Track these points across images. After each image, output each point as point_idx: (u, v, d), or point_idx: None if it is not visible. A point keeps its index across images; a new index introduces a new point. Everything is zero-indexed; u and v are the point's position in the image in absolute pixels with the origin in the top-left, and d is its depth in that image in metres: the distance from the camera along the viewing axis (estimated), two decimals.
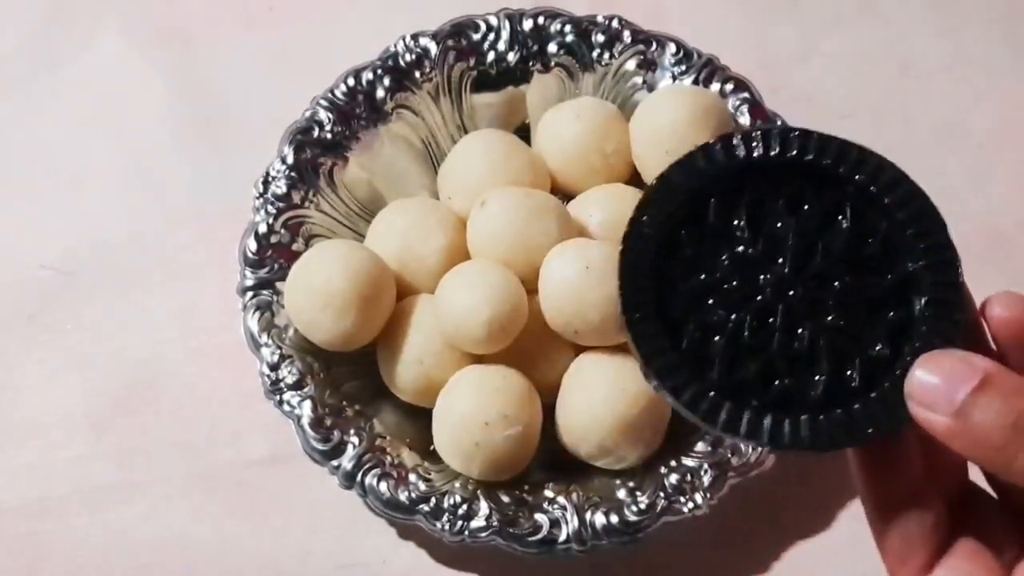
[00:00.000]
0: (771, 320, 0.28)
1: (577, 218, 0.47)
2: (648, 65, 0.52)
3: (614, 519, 0.43)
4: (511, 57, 0.52)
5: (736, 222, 0.29)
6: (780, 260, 0.29)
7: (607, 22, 0.52)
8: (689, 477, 0.44)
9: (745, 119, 0.50)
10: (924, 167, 0.30)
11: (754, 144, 0.29)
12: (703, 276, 0.29)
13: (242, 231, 0.48)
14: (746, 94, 0.51)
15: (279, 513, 0.48)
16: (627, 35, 0.52)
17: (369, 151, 0.51)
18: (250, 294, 0.47)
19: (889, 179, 0.29)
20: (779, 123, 0.27)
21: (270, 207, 0.49)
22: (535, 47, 0.52)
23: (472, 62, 0.52)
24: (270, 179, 0.49)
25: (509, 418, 0.43)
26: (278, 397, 0.45)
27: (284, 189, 0.49)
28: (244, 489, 0.48)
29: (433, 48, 0.52)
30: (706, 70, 0.51)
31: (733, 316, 0.28)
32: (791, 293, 0.28)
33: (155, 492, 0.48)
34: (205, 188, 0.54)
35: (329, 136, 0.50)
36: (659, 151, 0.48)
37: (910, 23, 0.59)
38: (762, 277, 0.29)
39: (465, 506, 0.44)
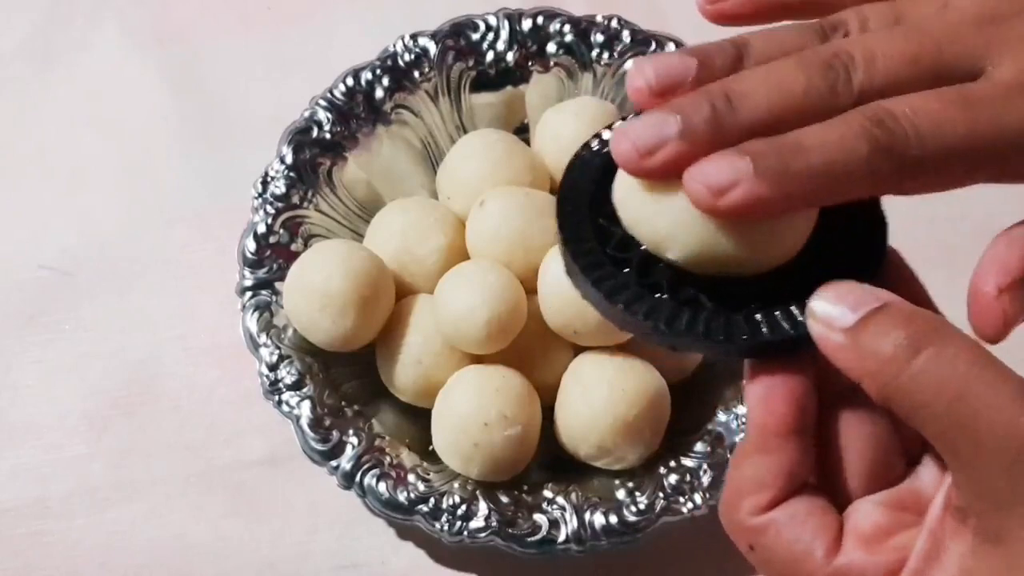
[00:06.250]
0: None
1: None
2: None
3: (613, 519, 0.43)
4: (510, 57, 0.52)
5: None
6: None
7: (606, 22, 0.52)
8: (688, 477, 0.44)
9: None
10: None
11: None
12: None
13: (241, 231, 0.48)
14: None
15: (278, 513, 0.48)
16: (626, 35, 0.52)
17: (368, 151, 0.51)
18: (249, 294, 0.47)
19: None
20: None
21: (269, 207, 0.48)
22: (534, 47, 0.52)
23: (471, 62, 0.52)
24: (269, 179, 0.49)
25: (508, 418, 0.43)
26: (277, 397, 0.45)
27: (283, 189, 0.49)
28: (243, 489, 0.48)
29: (432, 48, 0.52)
30: None
31: None
32: None
33: (154, 492, 0.48)
34: (204, 188, 0.54)
35: (328, 136, 0.50)
36: None
37: None
38: None
39: (464, 506, 0.44)
